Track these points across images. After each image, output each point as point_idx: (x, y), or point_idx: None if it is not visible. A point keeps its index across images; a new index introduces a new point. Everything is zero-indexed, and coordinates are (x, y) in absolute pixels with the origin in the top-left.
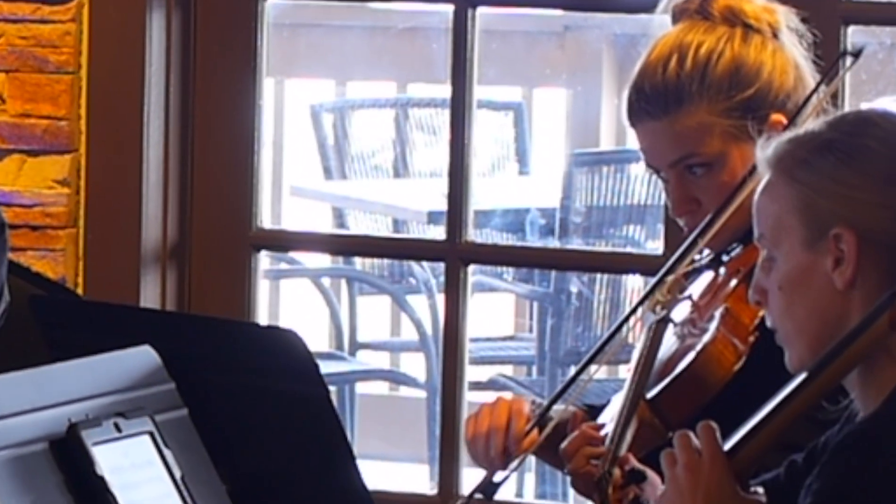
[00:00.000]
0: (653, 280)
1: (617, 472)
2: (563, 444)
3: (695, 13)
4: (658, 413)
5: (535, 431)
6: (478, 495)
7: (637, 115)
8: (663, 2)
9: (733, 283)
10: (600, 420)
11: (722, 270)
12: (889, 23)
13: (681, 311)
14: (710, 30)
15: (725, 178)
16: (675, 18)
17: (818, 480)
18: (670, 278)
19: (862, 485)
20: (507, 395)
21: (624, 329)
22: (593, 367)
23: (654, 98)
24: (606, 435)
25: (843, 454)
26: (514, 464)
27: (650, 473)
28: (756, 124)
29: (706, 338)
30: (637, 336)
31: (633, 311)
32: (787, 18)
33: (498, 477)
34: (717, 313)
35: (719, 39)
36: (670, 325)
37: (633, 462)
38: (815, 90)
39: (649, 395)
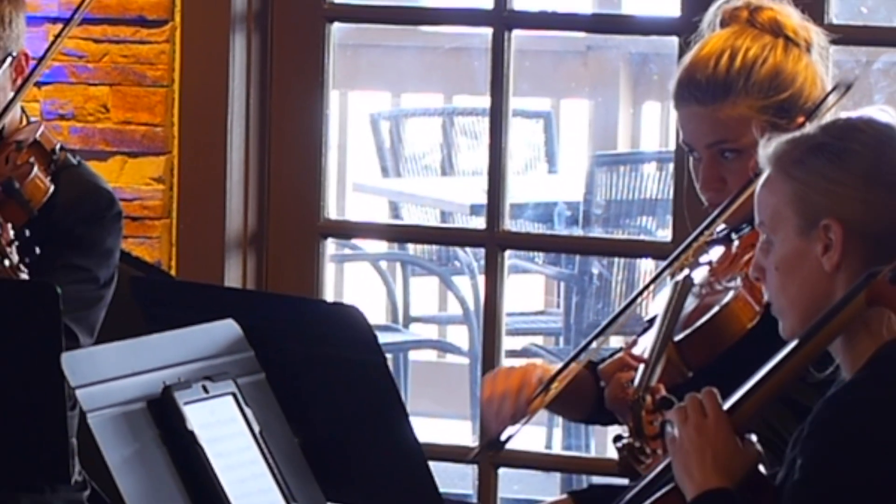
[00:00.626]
0: (677, 250)
1: (649, 398)
2: (603, 365)
3: (745, 21)
4: (682, 354)
5: (542, 396)
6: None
7: (685, 100)
8: (713, 7)
9: (749, 255)
10: (635, 351)
11: (735, 244)
12: (865, 44)
13: (699, 274)
14: (757, 37)
15: (752, 165)
16: (725, 22)
17: (801, 456)
18: (694, 246)
19: (841, 457)
20: (523, 363)
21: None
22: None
23: (705, 87)
24: (641, 364)
25: (821, 428)
26: (519, 424)
27: (676, 403)
28: (786, 124)
29: (729, 296)
30: (647, 311)
31: (659, 274)
32: (818, 37)
33: (504, 435)
34: (739, 277)
35: (764, 47)
36: (694, 286)
37: (663, 391)
38: (817, 107)
39: (677, 338)
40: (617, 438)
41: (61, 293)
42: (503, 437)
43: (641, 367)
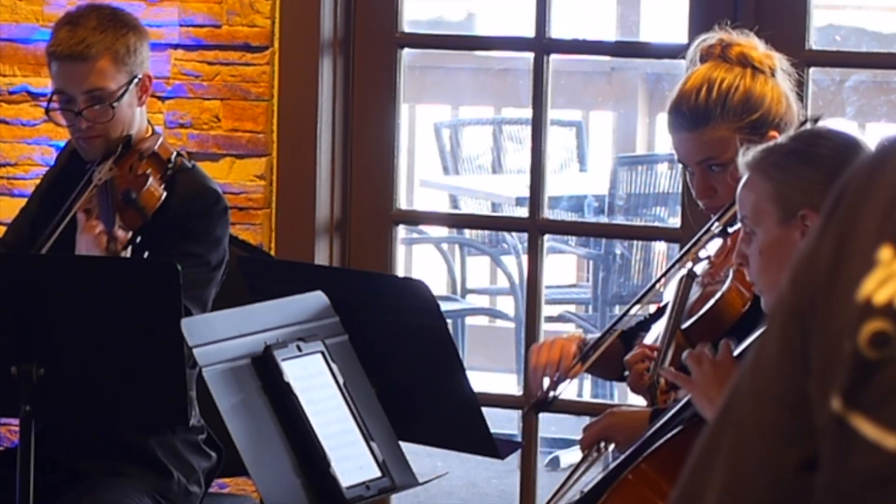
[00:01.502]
0: (684, 249)
1: (663, 381)
2: (627, 357)
3: (718, 56)
4: (689, 339)
5: (579, 365)
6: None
7: (675, 127)
8: (693, 46)
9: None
10: (647, 342)
11: (728, 241)
12: (838, 66)
13: (700, 267)
14: (729, 69)
15: (735, 175)
16: (703, 59)
17: None
18: (696, 248)
19: None
20: (564, 335)
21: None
22: (634, 309)
23: (689, 116)
24: (656, 353)
25: None
26: (559, 389)
27: None
28: (759, 138)
29: (724, 287)
30: (665, 286)
31: (671, 268)
32: (780, 62)
33: (549, 397)
34: (732, 270)
35: (735, 77)
36: (696, 277)
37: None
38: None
39: (683, 326)
40: (622, 374)
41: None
42: (548, 399)
43: (656, 352)
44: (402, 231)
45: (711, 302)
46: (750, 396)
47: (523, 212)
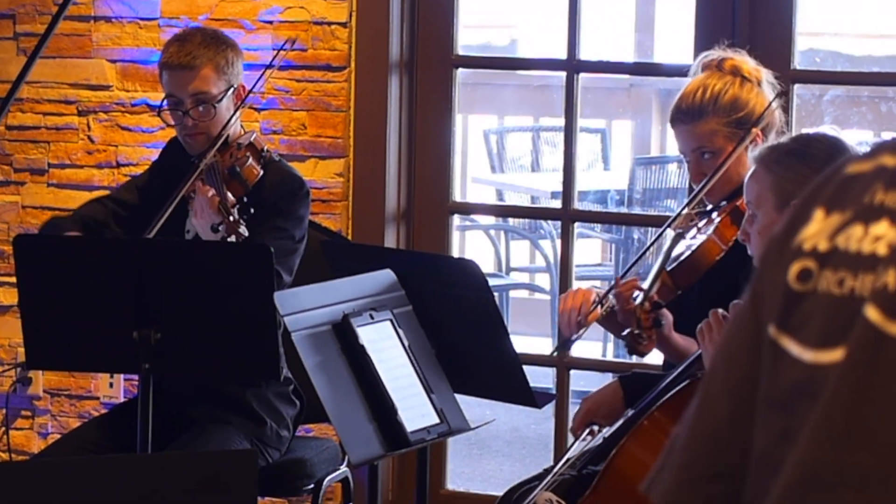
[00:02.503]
0: (675, 213)
1: (647, 303)
2: (619, 285)
3: (714, 67)
4: (673, 278)
5: (597, 310)
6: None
7: (676, 121)
8: (696, 61)
9: (723, 216)
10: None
11: (714, 214)
12: (818, 82)
13: (691, 233)
14: (721, 77)
15: (735, 168)
16: (703, 69)
17: None
18: (686, 210)
19: None
20: (584, 286)
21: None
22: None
23: (687, 112)
24: (645, 285)
25: None
26: (582, 330)
27: (665, 310)
28: (742, 133)
29: (703, 237)
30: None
31: (667, 226)
32: (767, 76)
33: (573, 337)
34: (712, 228)
35: (726, 83)
36: (684, 238)
37: (657, 299)
38: (762, 113)
39: (668, 268)
40: (623, 332)
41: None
42: (572, 339)
43: (645, 284)
44: (456, 219)
45: (693, 248)
46: (722, 349)
47: (557, 203)
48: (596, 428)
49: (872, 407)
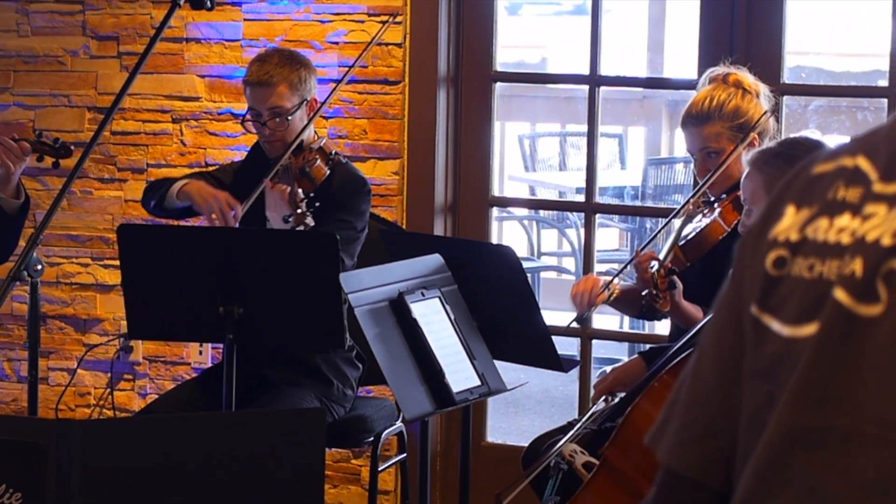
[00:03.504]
0: (684, 201)
1: (662, 270)
2: (638, 256)
3: (720, 80)
4: (683, 251)
5: (604, 293)
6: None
7: (686, 124)
8: (704, 74)
9: (725, 204)
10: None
11: (716, 204)
12: (803, 94)
13: (697, 217)
14: (726, 89)
15: (733, 166)
16: (710, 81)
17: None
18: (693, 199)
19: None
20: (594, 273)
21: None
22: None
23: (696, 116)
24: (661, 256)
25: None
26: (592, 308)
27: (676, 277)
28: (742, 136)
29: (709, 220)
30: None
31: (680, 209)
32: (764, 90)
33: (584, 315)
34: (717, 212)
35: (730, 94)
36: (691, 221)
37: (671, 266)
38: (756, 122)
39: (680, 243)
40: (641, 293)
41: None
42: (584, 316)
43: (661, 255)
44: (495, 211)
45: (699, 227)
46: (710, 326)
47: (581, 197)
48: (611, 397)
49: (845, 376)
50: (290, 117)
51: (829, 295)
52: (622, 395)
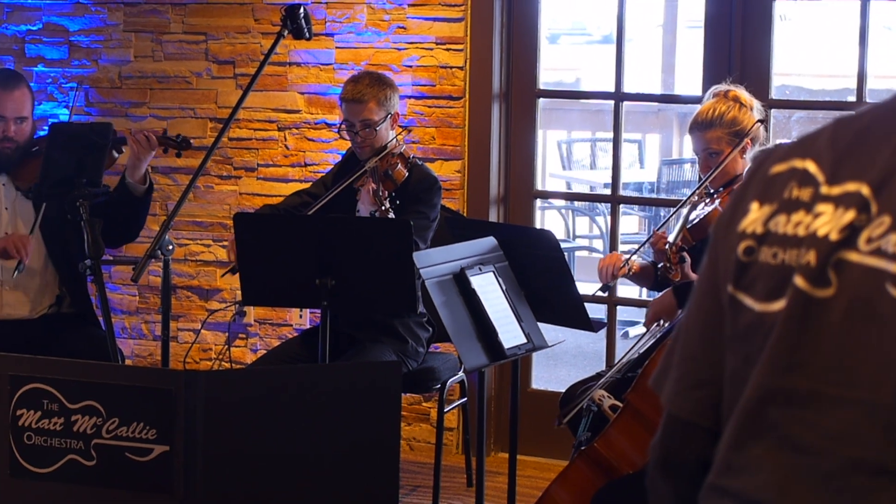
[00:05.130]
0: (689, 193)
1: (674, 247)
2: (655, 237)
3: (722, 96)
4: (690, 232)
5: (624, 268)
6: (600, 293)
7: (693, 130)
8: (709, 91)
9: (724, 195)
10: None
11: (716, 195)
12: (788, 108)
13: (701, 205)
14: (725, 103)
15: (730, 165)
16: (714, 96)
17: None
18: (698, 190)
19: None
20: (618, 251)
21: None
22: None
23: (701, 123)
24: (671, 237)
25: None
26: (614, 280)
27: (685, 253)
28: (738, 140)
29: (711, 207)
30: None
31: (688, 198)
32: (756, 104)
33: (609, 283)
34: (718, 200)
35: (729, 107)
36: (696, 209)
37: (680, 244)
38: (748, 130)
39: (688, 226)
40: (657, 266)
41: (412, 224)
42: (608, 284)
43: (671, 237)
44: (538, 202)
45: (703, 214)
46: (693, 296)
47: (607, 191)
48: (662, 322)
49: (805, 347)
50: (377, 128)
51: (790, 279)
52: (665, 322)
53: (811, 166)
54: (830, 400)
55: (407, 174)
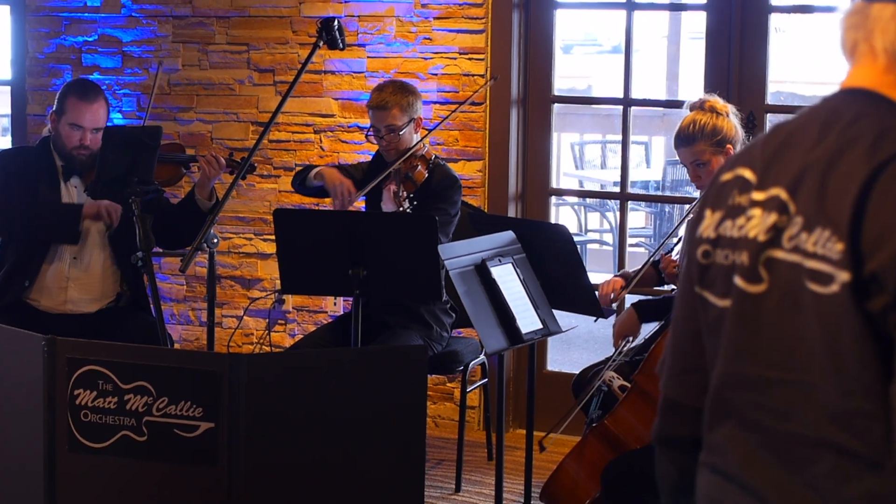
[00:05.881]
0: (689, 208)
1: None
2: (664, 263)
3: (698, 108)
4: None
5: (623, 292)
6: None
7: (677, 145)
8: (687, 103)
9: None
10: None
11: None
12: (782, 112)
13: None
14: (704, 114)
15: (712, 170)
16: (692, 109)
17: None
18: (696, 204)
19: None
20: (619, 274)
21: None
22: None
23: (685, 139)
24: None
25: None
26: (614, 304)
27: None
28: (721, 149)
29: None
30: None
31: (680, 224)
32: (732, 109)
33: (607, 309)
34: None
35: (707, 117)
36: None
37: None
38: (724, 143)
39: None
40: (657, 263)
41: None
42: (608, 309)
43: (675, 254)
44: (553, 199)
45: None
46: (678, 292)
47: (617, 189)
48: (630, 338)
49: (748, 337)
50: (401, 132)
51: (732, 278)
52: (632, 339)
53: (748, 174)
54: (772, 383)
55: (427, 175)
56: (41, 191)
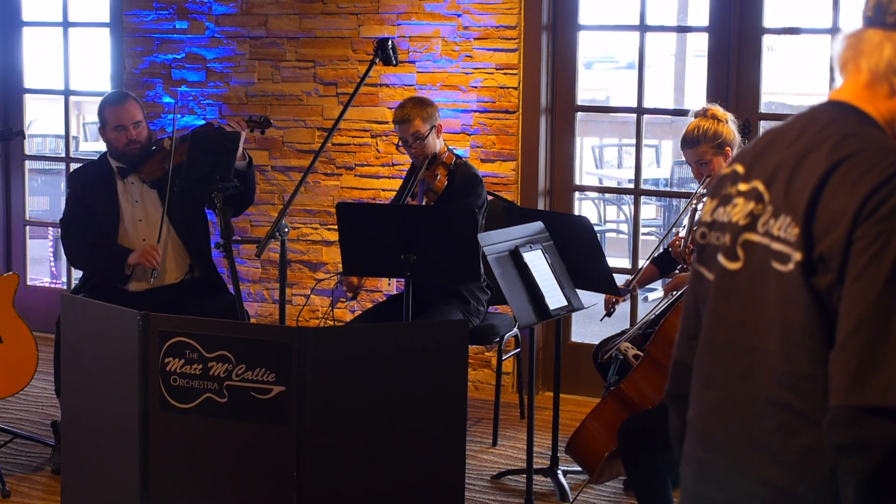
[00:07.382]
0: (689, 199)
1: (687, 249)
2: (672, 241)
3: (702, 115)
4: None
5: (627, 295)
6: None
7: (683, 146)
8: (692, 111)
9: None
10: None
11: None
12: (774, 120)
13: (700, 206)
14: (706, 120)
15: (714, 168)
16: (696, 116)
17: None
18: (694, 198)
19: None
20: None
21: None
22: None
23: (690, 141)
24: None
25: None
26: (616, 307)
27: None
28: (721, 151)
29: None
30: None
31: (685, 210)
32: (730, 116)
33: (611, 311)
34: None
35: (711, 123)
36: (698, 211)
37: (692, 248)
38: (723, 144)
39: (695, 226)
40: (673, 266)
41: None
42: (613, 310)
43: (684, 239)
44: (576, 194)
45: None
46: (690, 270)
47: (631, 186)
48: (676, 292)
49: (724, 308)
50: (425, 139)
51: (717, 256)
52: (677, 293)
53: (740, 168)
54: (738, 348)
55: (447, 182)
56: (101, 201)
